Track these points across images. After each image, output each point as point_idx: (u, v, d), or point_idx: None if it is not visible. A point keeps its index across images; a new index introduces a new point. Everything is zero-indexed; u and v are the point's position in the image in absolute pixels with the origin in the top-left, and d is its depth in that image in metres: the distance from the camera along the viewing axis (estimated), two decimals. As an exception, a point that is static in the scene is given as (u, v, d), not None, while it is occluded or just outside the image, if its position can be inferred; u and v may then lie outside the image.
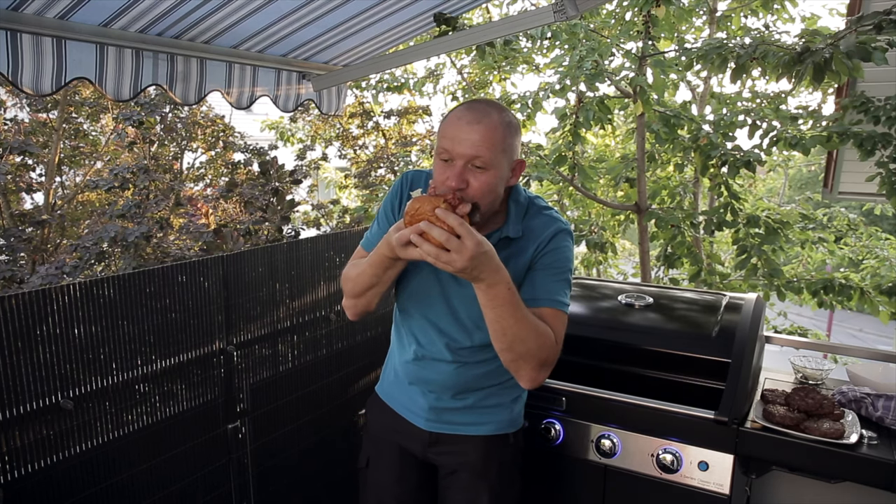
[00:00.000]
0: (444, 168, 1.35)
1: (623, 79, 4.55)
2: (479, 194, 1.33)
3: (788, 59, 2.87)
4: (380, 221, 1.57)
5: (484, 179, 1.33)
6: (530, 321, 1.35)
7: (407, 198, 1.51)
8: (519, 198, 1.50)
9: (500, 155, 1.35)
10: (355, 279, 1.48)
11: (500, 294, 1.28)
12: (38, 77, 1.85)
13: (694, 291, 2.44)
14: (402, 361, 1.64)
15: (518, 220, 1.48)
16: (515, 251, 1.46)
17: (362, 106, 7.68)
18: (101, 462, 1.75)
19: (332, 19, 2.36)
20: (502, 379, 1.59)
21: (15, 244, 5.65)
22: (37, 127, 6.83)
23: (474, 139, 1.32)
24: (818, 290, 4.39)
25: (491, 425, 1.62)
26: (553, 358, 1.41)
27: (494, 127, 1.34)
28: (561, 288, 1.46)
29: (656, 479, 1.84)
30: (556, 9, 2.37)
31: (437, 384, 1.58)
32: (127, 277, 1.80)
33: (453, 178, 1.32)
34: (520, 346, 1.35)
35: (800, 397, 1.82)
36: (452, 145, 1.33)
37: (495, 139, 1.33)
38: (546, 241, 1.46)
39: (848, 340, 13.50)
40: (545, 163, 4.58)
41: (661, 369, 1.99)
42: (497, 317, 1.31)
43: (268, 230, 5.35)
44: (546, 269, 1.45)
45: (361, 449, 1.76)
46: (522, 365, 1.38)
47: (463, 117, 1.35)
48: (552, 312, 1.42)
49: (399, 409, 1.67)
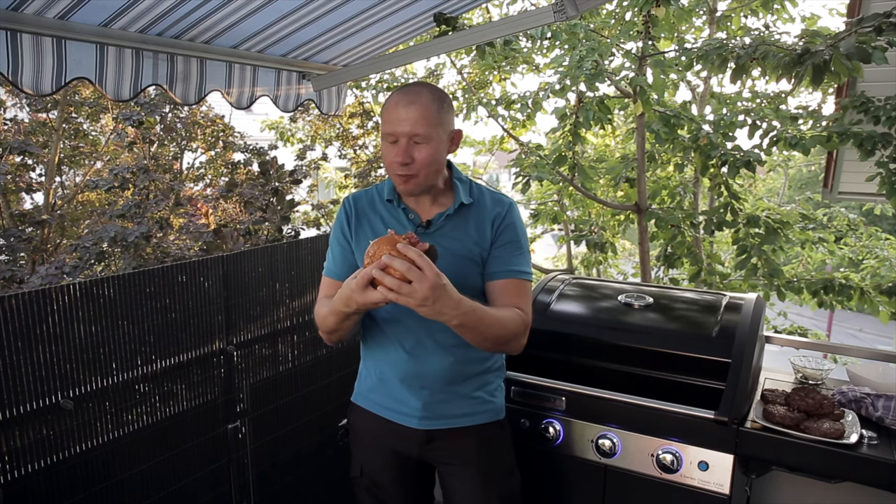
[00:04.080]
0: (391, 149, 1.52)
1: (623, 79, 4.55)
2: (423, 165, 1.50)
3: (788, 60, 2.87)
4: (333, 249, 1.67)
5: (426, 151, 1.50)
6: (497, 319, 1.48)
7: (355, 219, 1.64)
8: (461, 176, 1.67)
9: (436, 128, 1.51)
10: (323, 320, 1.56)
11: (467, 322, 1.39)
12: (38, 77, 1.85)
13: (694, 291, 2.44)
14: (389, 361, 1.63)
15: (466, 192, 1.63)
16: (473, 213, 1.62)
17: (362, 106, 7.68)
18: (101, 462, 1.75)
19: (331, 19, 2.36)
20: (491, 362, 1.68)
21: (15, 244, 5.65)
22: (37, 127, 6.82)
23: (412, 118, 1.48)
24: (818, 290, 4.39)
25: (484, 414, 1.65)
26: (527, 325, 1.57)
27: (427, 104, 1.50)
28: (524, 259, 1.63)
29: (656, 479, 1.84)
30: (556, 9, 2.37)
31: (431, 376, 1.59)
32: (127, 277, 1.81)
33: (399, 155, 1.49)
34: (498, 338, 1.51)
35: (800, 397, 1.82)
36: (394, 127, 1.50)
37: (430, 115, 1.49)
38: (503, 216, 1.61)
39: (848, 340, 13.50)
40: (545, 163, 4.58)
41: (661, 369, 1.99)
42: (471, 336, 1.46)
43: (268, 230, 5.35)
44: (508, 245, 1.60)
45: (352, 459, 1.75)
46: (503, 348, 1.59)
47: (400, 101, 1.50)
48: (517, 283, 1.59)
49: (386, 414, 1.65)
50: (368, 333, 1.68)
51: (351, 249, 1.63)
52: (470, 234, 1.59)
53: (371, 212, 1.64)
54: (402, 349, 1.59)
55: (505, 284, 1.58)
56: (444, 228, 1.59)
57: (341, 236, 1.65)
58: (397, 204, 1.61)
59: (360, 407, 1.72)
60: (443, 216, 1.59)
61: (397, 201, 1.61)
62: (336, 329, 1.53)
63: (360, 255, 1.59)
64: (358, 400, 1.75)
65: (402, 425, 1.63)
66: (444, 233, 1.58)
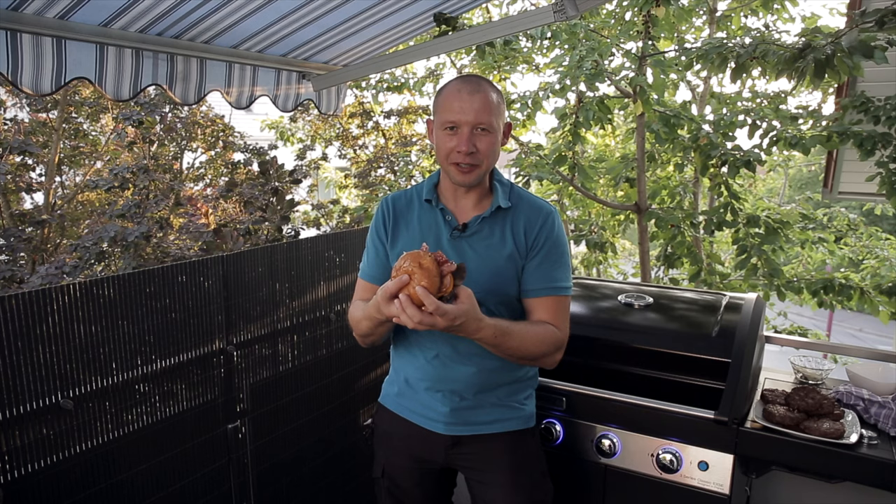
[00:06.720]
0: (449, 138, 1.49)
1: (623, 79, 4.55)
2: (486, 154, 1.49)
3: (789, 55, 2.86)
4: (368, 251, 1.65)
5: (488, 141, 1.49)
6: (526, 338, 1.46)
7: (392, 220, 1.61)
8: (502, 179, 1.65)
9: (498, 118, 1.51)
10: (357, 324, 1.56)
11: (487, 340, 1.39)
12: (37, 77, 1.85)
13: (694, 291, 2.44)
14: (416, 367, 1.62)
15: (505, 195, 1.60)
16: (511, 218, 1.58)
17: (362, 106, 7.68)
18: (101, 462, 1.75)
19: (331, 19, 2.36)
20: (523, 371, 1.65)
21: (15, 244, 5.65)
22: (37, 127, 6.82)
23: (476, 107, 1.46)
24: (818, 290, 4.39)
25: (514, 421, 1.63)
26: (562, 343, 1.55)
27: (489, 94, 1.49)
28: (563, 273, 1.58)
29: (656, 479, 1.84)
30: (556, 9, 2.37)
31: (460, 383, 1.57)
32: (127, 277, 1.80)
33: (463, 144, 1.46)
34: (525, 355, 1.50)
35: (800, 397, 1.82)
36: (457, 115, 1.47)
37: (492, 105, 1.49)
38: (541, 224, 1.57)
39: (848, 340, 13.50)
40: (545, 163, 4.58)
41: (661, 369, 1.99)
42: (495, 352, 1.46)
43: (268, 230, 5.34)
44: (548, 257, 1.56)
45: (374, 459, 1.75)
46: (532, 363, 1.58)
47: (462, 89, 1.48)
48: (555, 301, 1.55)
49: (413, 418, 1.64)
50: (397, 337, 1.67)
51: (386, 252, 1.61)
52: (506, 240, 1.55)
53: (408, 213, 1.61)
54: (428, 356, 1.58)
55: (543, 302, 1.54)
56: (480, 232, 1.56)
57: (377, 238, 1.62)
58: (435, 204, 1.58)
59: (387, 409, 1.71)
60: (479, 219, 1.56)
61: (435, 201, 1.58)
62: (370, 333, 1.53)
63: (395, 257, 1.57)
64: (385, 402, 1.74)
65: (428, 430, 1.61)
66: (480, 237, 1.56)
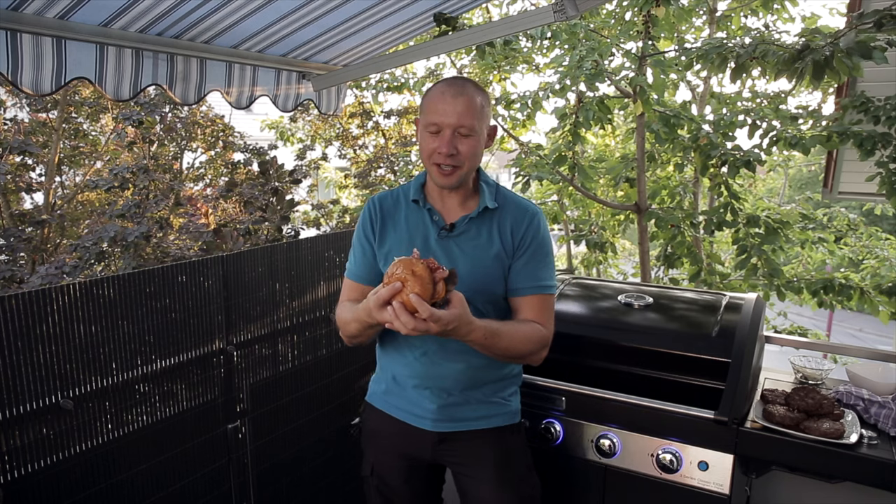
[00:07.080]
0: (432, 139, 1.51)
1: (623, 79, 4.55)
2: (467, 157, 1.51)
3: (788, 56, 2.86)
4: (355, 250, 1.66)
5: (470, 143, 1.51)
6: (514, 338, 1.49)
7: (379, 220, 1.62)
8: (488, 179, 1.66)
9: (480, 122, 1.52)
10: (346, 325, 1.56)
11: (477, 341, 1.41)
12: (37, 77, 1.85)
13: (694, 291, 2.44)
14: (404, 364, 1.62)
15: (492, 196, 1.61)
16: (497, 218, 1.60)
17: (362, 106, 7.68)
18: (101, 462, 1.75)
19: (331, 19, 2.36)
20: (508, 368, 1.67)
21: (15, 244, 5.65)
22: (37, 127, 6.82)
23: (459, 110, 1.48)
24: (818, 290, 4.39)
25: (500, 417, 1.64)
26: (547, 341, 1.58)
27: (473, 97, 1.50)
28: (548, 272, 1.61)
29: (656, 479, 1.84)
30: (556, 9, 2.37)
31: (448, 380, 1.58)
32: (127, 277, 1.80)
33: (444, 146, 1.48)
34: (513, 354, 1.54)
35: (800, 397, 1.82)
36: (440, 117, 1.49)
37: (475, 108, 1.50)
38: (527, 224, 1.59)
39: (848, 340, 13.50)
40: (545, 163, 4.58)
41: (661, 369, 1.99)
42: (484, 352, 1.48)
43: (267, 230, 5.34)
44: (534, 257, 1.59)
45: (363, 457, 1.75)
46: (520, 361, 1.63)
47: (446, 91, 1.50)
48: (540, 300, 1.58)
49: (400, 415, 1.65)
50: (384, 335, 1.68)
51: (373, 252, 1.62)
52: (493, 240, 1.57)
53: (396, 212, 1.62)
54: (416, 353, 1.59)
55: (530, 301, 1.57)
56: (468, 232, 1.57)
57: (364, 238, 1.63)
58: (423, 205, 1.59)
59: (375, 407, 1.72)
60: (466, 219, 1.57)
61: (423, 202, 1.60)
62: (358, 335, 1.54)
63: (383, 257, 1.59)
64: (372, 400, 1.74)
65: (416, 427, 1.62)
66: (467, 237, 1.57)
